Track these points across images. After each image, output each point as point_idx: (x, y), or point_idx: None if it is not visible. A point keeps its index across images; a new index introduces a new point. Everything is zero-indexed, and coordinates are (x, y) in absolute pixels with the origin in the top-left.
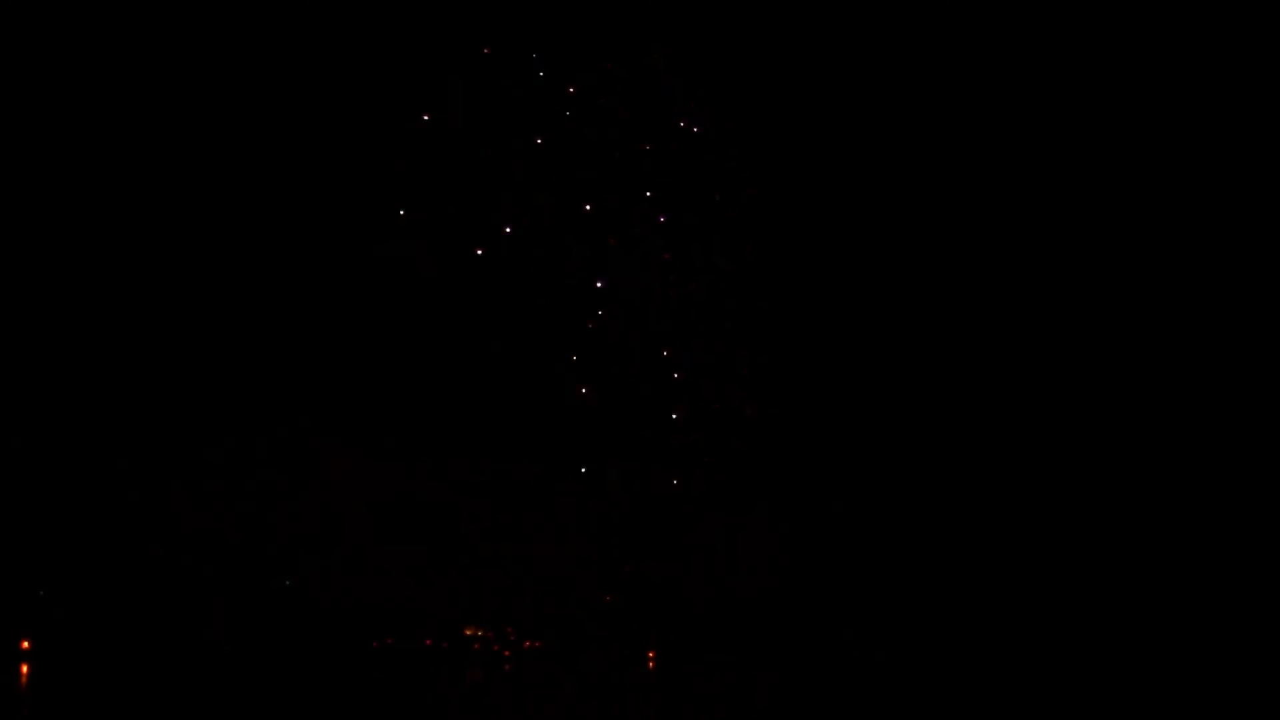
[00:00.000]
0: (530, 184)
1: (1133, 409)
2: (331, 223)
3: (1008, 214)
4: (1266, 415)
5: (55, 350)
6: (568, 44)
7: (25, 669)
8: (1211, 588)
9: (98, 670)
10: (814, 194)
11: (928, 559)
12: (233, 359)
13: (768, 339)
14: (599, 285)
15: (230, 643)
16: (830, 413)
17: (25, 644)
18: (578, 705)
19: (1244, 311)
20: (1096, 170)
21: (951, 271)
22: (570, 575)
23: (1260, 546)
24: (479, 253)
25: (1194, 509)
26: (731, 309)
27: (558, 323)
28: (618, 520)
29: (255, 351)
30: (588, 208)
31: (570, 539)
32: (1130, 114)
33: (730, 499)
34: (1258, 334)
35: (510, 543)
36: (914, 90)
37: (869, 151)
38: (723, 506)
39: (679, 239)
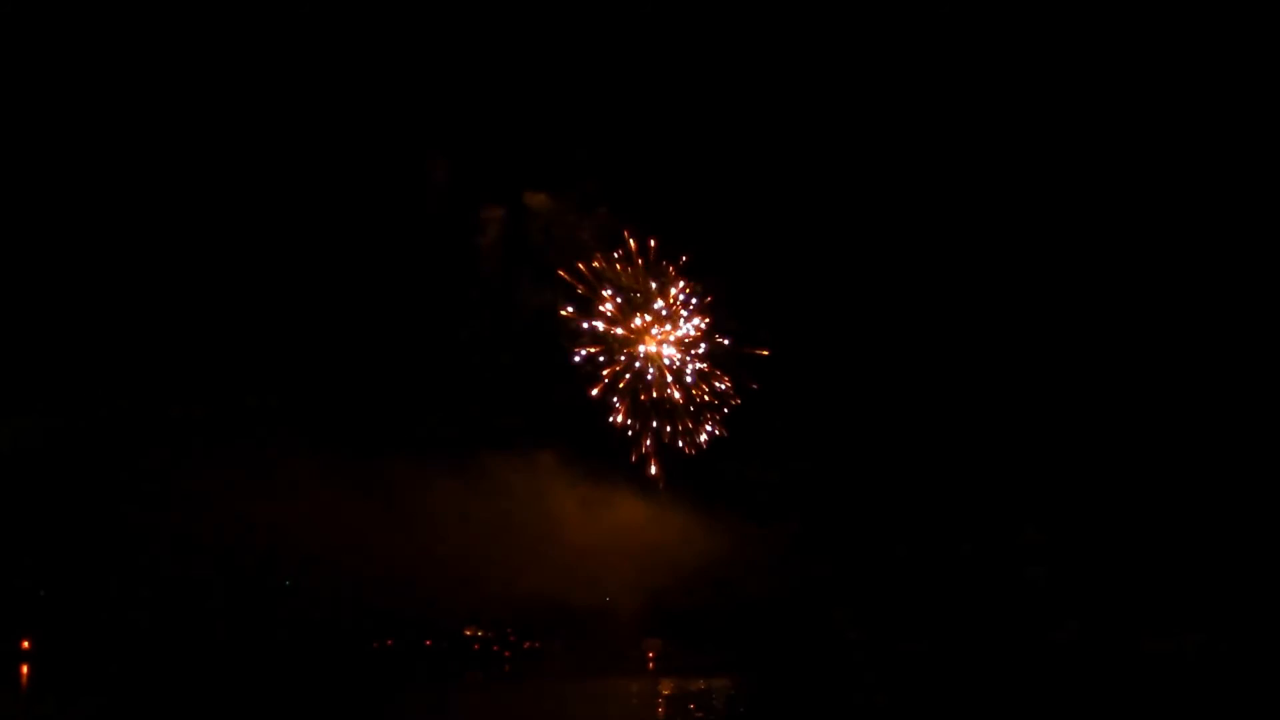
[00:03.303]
0: None
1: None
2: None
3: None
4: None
5: (55, 356)
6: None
7: (25, 669)
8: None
9: (98, 670)
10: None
11: (928, 560)
12: (233, 364)
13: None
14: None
15: (230, 642)
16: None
17: (25, 644)
18: (578, 705)
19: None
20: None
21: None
22: (570, 575)
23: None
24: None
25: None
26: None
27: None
28: (618, 522)
29: (254, 356)
30: None
31: (570, 540)
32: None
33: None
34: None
35: (510, 543)
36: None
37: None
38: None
39: None
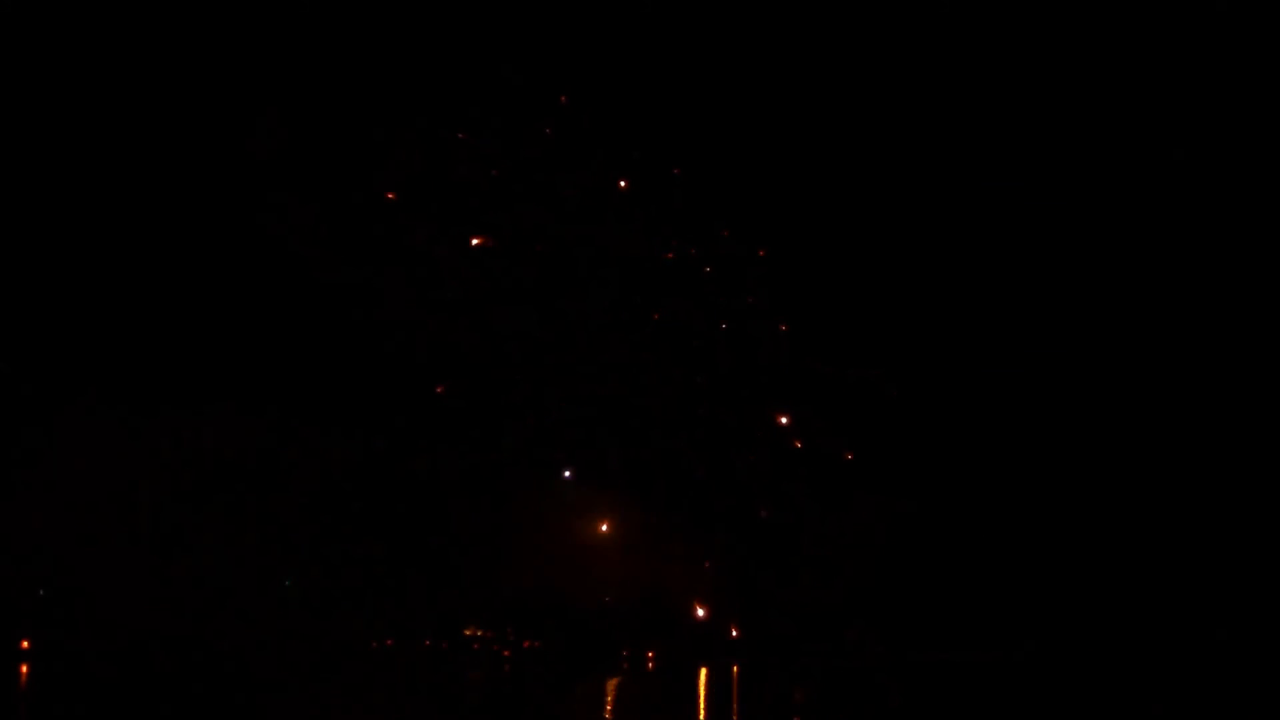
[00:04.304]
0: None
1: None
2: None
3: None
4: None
5: (54, 354)
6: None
7: (25, 669)
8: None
9: (97, 670)
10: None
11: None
12: (232, 363)
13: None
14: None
15: (230, 642)
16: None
17: (25, 644)
18: (578, 705)
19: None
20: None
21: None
22: (570, 575)
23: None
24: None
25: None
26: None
27: (570, 335)
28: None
29: (254, 354)
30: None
31: (570, 540)
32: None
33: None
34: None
35: (510, 543)
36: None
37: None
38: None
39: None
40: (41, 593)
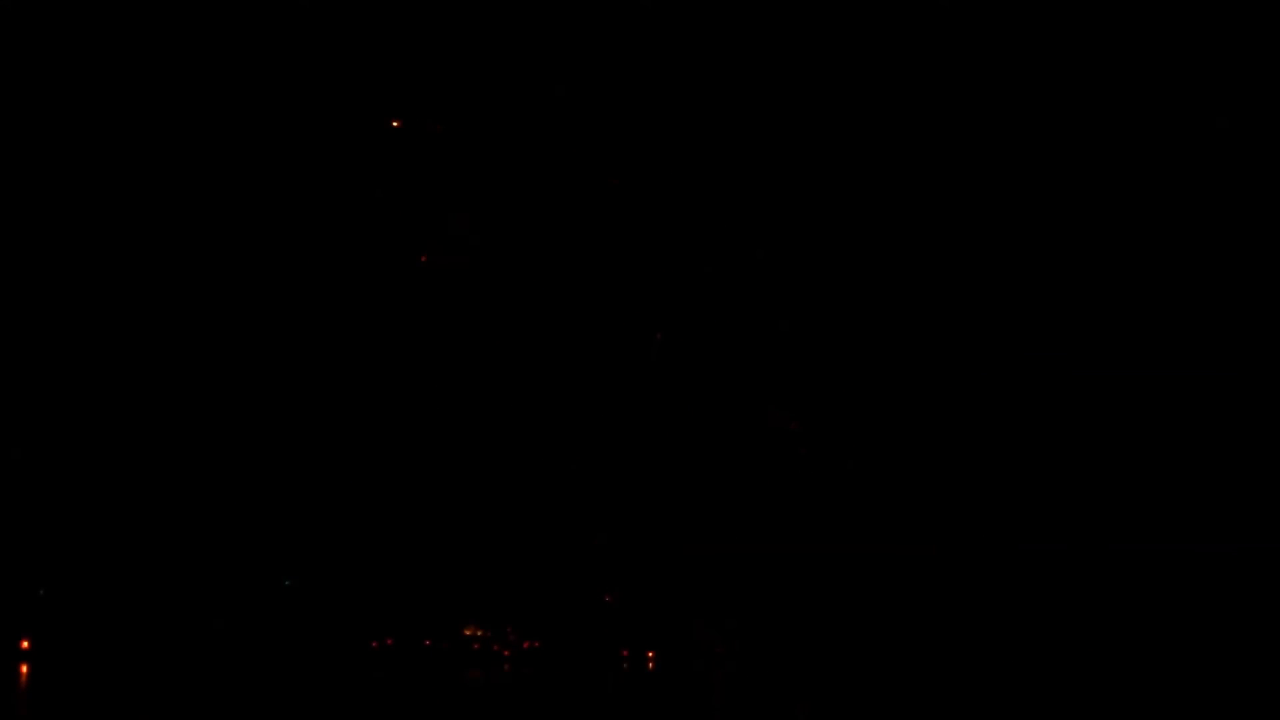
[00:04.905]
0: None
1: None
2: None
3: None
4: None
5: (54, 355)
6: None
7: (25, 669)
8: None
9: (97, 670)
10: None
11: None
12: (232, 361)
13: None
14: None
15: (230, 642)
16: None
17: (25, 644)
18: (577, 705)
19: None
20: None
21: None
22: (570, 575)
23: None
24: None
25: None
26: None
27: (565, 326)
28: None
29: (255, 353)
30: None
31: (569, 539)
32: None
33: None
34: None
35: (510, 543)
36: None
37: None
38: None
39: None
40: (41, 593)
